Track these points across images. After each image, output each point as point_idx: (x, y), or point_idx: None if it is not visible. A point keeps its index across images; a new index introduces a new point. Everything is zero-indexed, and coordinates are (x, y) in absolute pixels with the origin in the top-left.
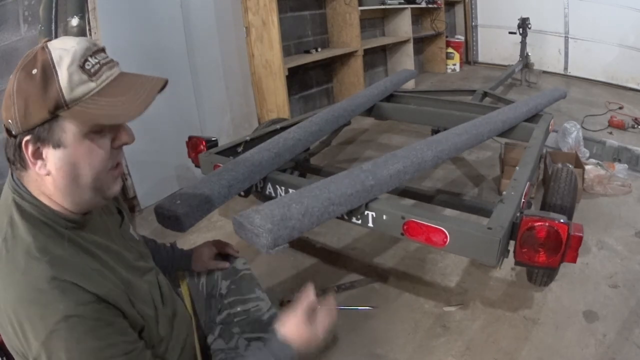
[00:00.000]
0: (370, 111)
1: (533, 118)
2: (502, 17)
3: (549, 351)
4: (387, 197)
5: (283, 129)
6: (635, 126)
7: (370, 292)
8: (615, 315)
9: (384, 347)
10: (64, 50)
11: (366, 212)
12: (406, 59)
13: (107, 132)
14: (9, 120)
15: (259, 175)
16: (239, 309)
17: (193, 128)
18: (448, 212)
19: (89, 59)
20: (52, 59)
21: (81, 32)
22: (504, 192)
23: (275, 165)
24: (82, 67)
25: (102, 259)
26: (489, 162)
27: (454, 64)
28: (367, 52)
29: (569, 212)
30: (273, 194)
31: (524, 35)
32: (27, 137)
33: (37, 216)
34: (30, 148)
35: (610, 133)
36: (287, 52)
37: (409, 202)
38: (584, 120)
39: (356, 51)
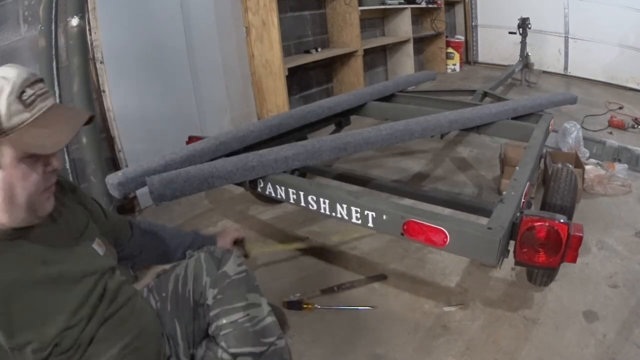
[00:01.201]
0: (368, 111)
1: (533, 118)
2: (502, 17)
3: (549, 351)
4: (387, 197)
5: None
6: (635, 126)
7: (370, 292)
8: (615, 315)
9: (384, 347)
10: (5, 80)
11: (366, 212)
12: (406, 59)
13: (40, 158)
14: None
15: (199, 159)
16: (224, 321)
17: (193, 128)
18: (448, 212)
19: (27, 89)
20: None
21: (81, 32)
22: (504, 192)
23: (219, 153)
24: (19, 97)
25: (22, 271)
26: (489, 162)
27: (454, 64)
28: (367, 52)
29: (569, 212)
30: (273, 194)
31: (524, 35)
32: None
33: None
34: None
35: (610, 133)
36: (287, 52)
37: (409, 202)
38: (584, 120)
39: (356, 51)
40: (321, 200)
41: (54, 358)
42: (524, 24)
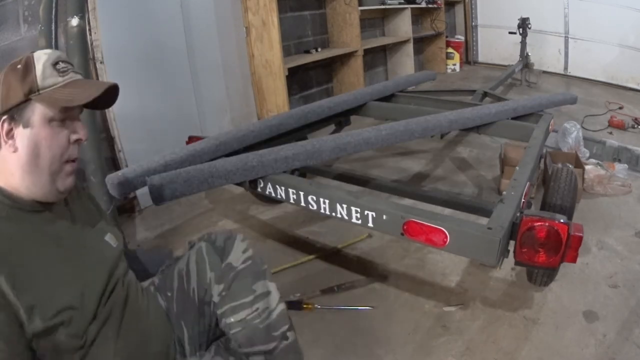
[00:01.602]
0: (368, 111)
1: (533, 118)
2: (502, 17)
3: (549, 351)
4: (387, 197)
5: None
6: (635, 126)
7: (370, 292)
8: (615, 315)
9: (384, 347)
10: (44, 53)
11: (366, 212)
12: (406, 59)
13: (67, 124)
14: None
15: (199, 159)
16: (232, 319)
17: (193, 127)
18: (448, 212)
19: (60, 62)
20: (33, 57)
21: (81, 32)
22: (504, 192)
23: (219, 153)
24: (53, 65)
25: (36, 241)
26: (489, 162)
27: (454, 64)
28: (367, 52)
29: (569, 212)
30: (273, 194)
31: (524, 35)
32: (4, 117)
33: None
34: (5, 127)
35: (610, 133)
36: (287, 52)
37: (409, 202)
38: (584, 120)
39: (356, 51)
40: (321, 200)
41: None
42: (524, 24)
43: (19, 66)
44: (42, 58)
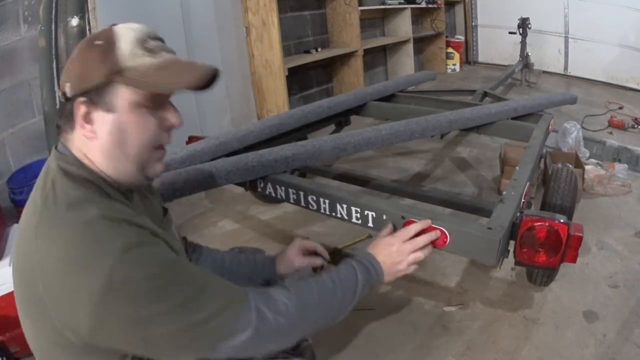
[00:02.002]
0: (368, 111)
1: (533, 118)
2: (502, 17)
3: (549, 351)
4: (387, 197)
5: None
6: (635, 126)
7: (370, 293)
8: (615, 315)
9: (384, 347)
10: (128, 28)
11: (366, 212)
12: (406, 59)
13: (157, 110)
14: (67, 82)
15: (199, 159)
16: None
17: (193, 127)
18: (448, 212)
19: (149, 40)
20: (115, 33)
21: (81, 32)
22: (504, 192)
23: (219, 153)
24: (142, 43)
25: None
26: (489, 162)
27: (454, 64)
28: (367, 52)
29: (569, 212)
30: (273, 194)
31: (524, 35)
32: (81, 99)
33: (81, 175)
34: (82, 110)
35: (610, 133)
36: (287, 52)
37: (409, 202)
38: (584, 120)
39: (356, 51)
40: (321, 200)
41: None
42: (524, 24)
43: (97, 42)
44: (126, 35)
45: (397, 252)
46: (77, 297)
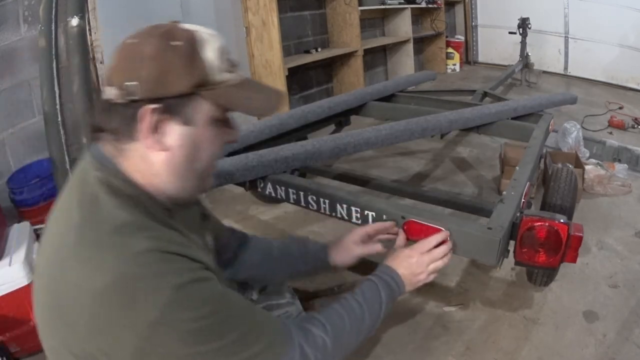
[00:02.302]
0: (368, 111)
1: (533, 118)
2: (502, 17)
3: (549, 351)
4: (387, 197)
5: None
6: (635, 126)
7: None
8: (615, 315)
9: (384, 347)
10: (209, 34)
11: (366, 212)
12: (406, 59)
13: (224, 125)
14: (131, 83)
15: None
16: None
17: None
18: (448, 212)
19: (228, 52)
20: (197, 38)
21: (81, 32)
22: (504, 192)
23: None
24: (224, 55)
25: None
26: (489, 162)
27: (454, 64)
28: (367, 52)
29: (569, 212)
30: (273, 194)
31: (524, 35)
32: (154, 106)
33: (126, 192)
34: (151, 119)
35: (610, 133)
36: (287, 52)
37: (409, 202)
38: (584, 120)
39: (356, 51)
40: (321, 200)
41: None
42: (524, 24)
43: (176, 42)
44: (210, 42)
45: (417, 264)
46: (123, 330)
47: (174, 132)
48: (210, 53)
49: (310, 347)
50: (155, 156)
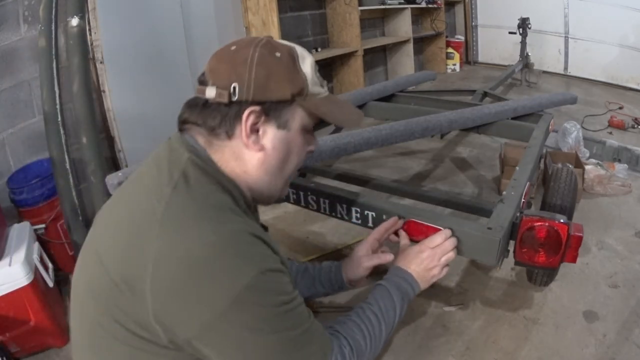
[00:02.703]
0: (368, 111)
1: (533, 118)
2: (502, 17)
3: (549, 351)
4: (387, 197)
5: None
6: (635, 126)
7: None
8: (615, 315)
9: (383, 347)
10: (304, 51)
11: (366, 212)
12: (406, 59)
13: (311, 137)
14: (236, 84)
15: None
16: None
17: None
18: (448, 212)
19: (317, 68)
20: (296, 53)
21: (81, 32)
22: (504, 192)
23: None
24: (316, 71)
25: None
26: (489, 162)
27: (454, 64)
28: (367, 52)
29: (569, 212)
30: None
31: (524, 35)
32: (255, 108)
33: (219, 180)
34: (252, 119)
35: (610, 133)
36: None
37: (409, 202)
38: (584, 120)
39: (356, 51)
40: (321, 200)
41: None
42: (524, 24)
43: (278, 54)
44: (307, 59)
45: (429, 258)
46: (198, 302)
47: (271, 134)
48: (308, 67)
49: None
50: (250, 155)
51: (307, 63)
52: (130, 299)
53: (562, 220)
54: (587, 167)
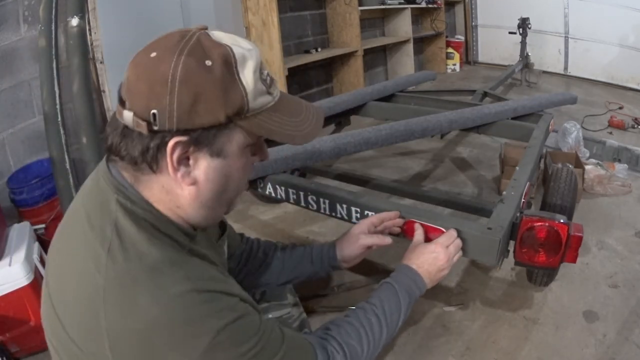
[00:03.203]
0: (368, 111)
1: (533, 118)
2: (502, 17)
3: (549, 351)
4: (387, 197)
5: None
6: (635, 126)
7: (370, 293)
8: (615, 315)
9: (384, 347)
10: (245, 50)
11: (366, 212)
12: (406, 59)
13: (256, 149)
14: (155, 111)
15: None
16: (270, 315)
17: None
18: (448, 212)
19: (264, 68)
20: (234, 56)
21: (81, 32)
22: (504, 192)
23: None
24: (260, 73)
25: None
26: (489, 162)
27: (454, 64)
28: (367, 52)
29: (569, 212)
30: (273, 194)
31: (524, 35)
32: (181, 139)
33: (152, 223)
34: (179, 151)
35: (610, 133)
36: (287, 52)
37: (409, 202)
38: (584, 120)
39: (356, 51)
40: (321, 200)
41: None
42: (524, 24)
43: (208, 62)
44: (247, 61)
45: (443, 259)
46: None
47: (204, 165)
48: (249, 73)
49: None
50: (181, 190)
51: (248, 68)
52: None
53: (562, 220)
54: (587, 167)
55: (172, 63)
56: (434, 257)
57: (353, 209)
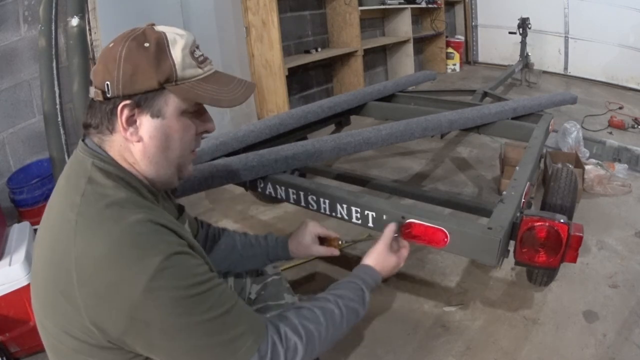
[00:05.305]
0: (368, 111)
1: (533, 118)
2: (502, 17)
3: (549, 351)
4: (387, 197)
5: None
6: (635, 126)
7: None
8: (615, 315)
9: (384, 347)
10: (178, 35)
11: (366, 212)
12: (406, 59)
13: (197, 117)
14: (107, 82)
15: (199, 159)
16: (267, 315)
17: None
18: (448, 212)
19: (196, 50)
20: (166, 38)
21: (81, 32)
22: (504, 192)
23: (219, 153)
24: (191, 53)
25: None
26: (489, 162)
27: (454, 64)
28: (367, 52)
29: (569, 212)
30: (273, 194)
31: (524, 35)
32: (126, 102)
33: (121, 176)
34: (126, 113)
35: (610, 133)
36: (287, 52)
37: (409, 202)
38: (584, 120)
39: (356, 51)
40: (321, 200)
41: None
42: (524, 24)
43: (146, 44)
44: (178, 42)
45: (395, 259)
46: (115, 297)
47: (146, 125)
48: (178, 51)
49: (283, 346)
50: (133, 146)
51: (177, 47)
52: (70, 309)
53: (562, 220)
54: (587, 167)
55: (120, 46)
56: (388, 260)
57: (353, 209)
